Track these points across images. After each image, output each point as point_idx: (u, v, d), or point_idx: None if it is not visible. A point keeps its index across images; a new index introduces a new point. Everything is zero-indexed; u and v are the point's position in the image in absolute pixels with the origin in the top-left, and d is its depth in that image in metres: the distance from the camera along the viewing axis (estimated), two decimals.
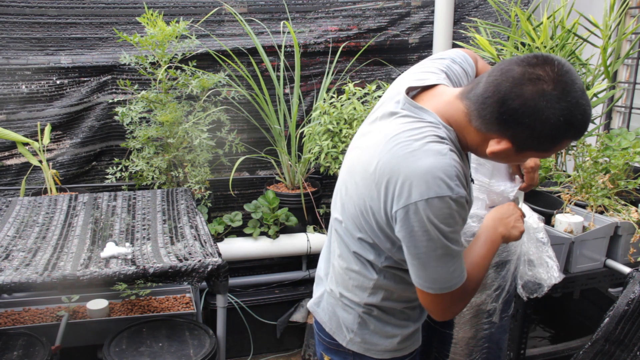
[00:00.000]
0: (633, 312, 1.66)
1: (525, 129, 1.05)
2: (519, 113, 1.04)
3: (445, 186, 1.05)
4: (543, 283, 1.61)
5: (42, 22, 2.80)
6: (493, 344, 1.59)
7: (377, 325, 1.32)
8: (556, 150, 1.13)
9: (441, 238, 1.07)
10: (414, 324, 1.35)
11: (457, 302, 1.18)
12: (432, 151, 1.07)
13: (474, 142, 1.15)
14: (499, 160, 1.21)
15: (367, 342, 1.33)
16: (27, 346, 1.84)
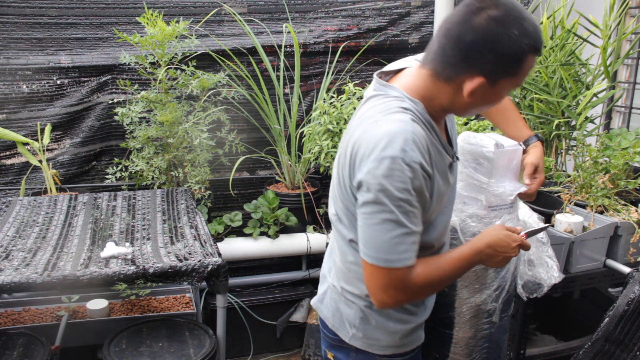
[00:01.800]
0: (633, 312, 1.66)
1: (489, 55, 1.10)
2: (477, 43, 1.09)
3: (399, 148, 1.07)
4: (543, 283, 1.61)
5: (42, 23, 2.81)
6: (493, 344, 1.59)
7: (379, 321, 1.32)
8: (526, 71, 1.15)
9: (388, 202, 1.08)
10: (416, 319, 1.34)
11: (396, 288, 1.14)
12: (392, 119, 1.13)
13: (449, 96, 1.17)
14: (481, 104, 1.19)
15: (369, 338, 1.34)
16: (27, 346, 1.84)
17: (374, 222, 1.11)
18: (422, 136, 1.12)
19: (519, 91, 2.56)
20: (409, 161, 1.08)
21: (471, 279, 1.50)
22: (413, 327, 1.35)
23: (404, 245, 1.11)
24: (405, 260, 1.12)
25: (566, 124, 2.39)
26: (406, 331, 1.34)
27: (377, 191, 1.09)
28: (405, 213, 1.10)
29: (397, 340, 1.34)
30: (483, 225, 1.45)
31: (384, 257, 1.12)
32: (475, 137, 1.48)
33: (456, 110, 1.22)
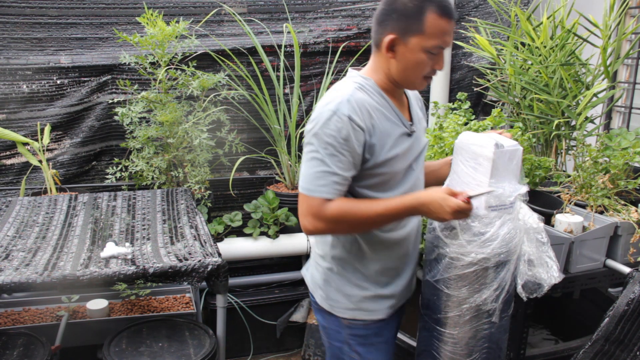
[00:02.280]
0: (633, 312, 1.66)
1: (393, 15, 1.34)
2: (385, 8, 1.37)
3: (334, 105, 1.33)
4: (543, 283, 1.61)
5: (42, 23, 2.81)
6: (493, 344, 1.59)
7: (338, 284, 1.50)
8: (433, 30, 1.32)
9: (317, 143, 1.33)
10: (375, 289, 1.49)
11: (313, 215, 1.34)
12: (338, 88, 1.40)
13: (385, 64, 1.41)
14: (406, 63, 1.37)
15: (331, 299, 1.51)
16: (27, 346, 1.84)
17: (306, 159, 1.36)
18: (361, 99, 1.36)
19: (519, 91, 2.56)
20: (340, 114, 1.31)
21: (471, 279, 1.50)
22: (372, 296, 1.49)
23: (324, 180, 1.33)
24: (322, 192, 1.33)
25: (566, 124, 2.39)
26: (363, 297, 1.48)
27: (312, 136, 1.35)
28: (330, 155, 1.32)
29: (354, 304, 1.48)
30: (483, 226, 1.45)
31: (306, 186, 1.35)
32: (475, 137, 1.48)
33: (398, 77, 1.40)
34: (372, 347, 1.53)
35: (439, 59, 1.38)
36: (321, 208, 1.34)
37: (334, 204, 1.34)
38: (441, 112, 2.56)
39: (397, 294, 1.53)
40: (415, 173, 1.50)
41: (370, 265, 1.48)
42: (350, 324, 1.51)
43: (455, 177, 1.52)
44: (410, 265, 1.58)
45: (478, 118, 3.16)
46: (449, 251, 1.49)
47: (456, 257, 1.48)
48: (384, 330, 1.53)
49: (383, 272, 1.50)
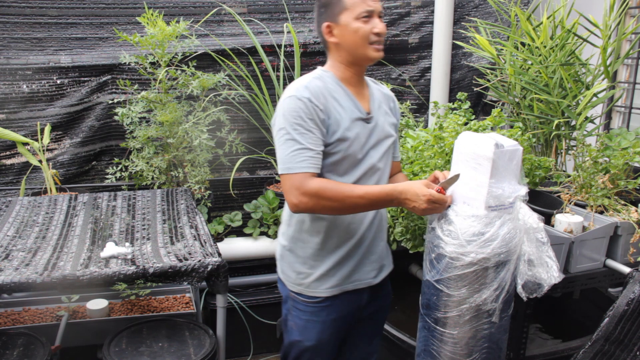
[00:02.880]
0: (633, 312, 1.66)
1: (320, 9, 1.59)
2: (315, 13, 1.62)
3: (294, 90, 1.51)
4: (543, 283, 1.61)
5: (42, 22, 2.81)
6: (493, 344, 1.59)
7: (289, 260, 1.68)
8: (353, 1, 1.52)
9: (286, 126, 1.49)
10: (319, 268, 1.62)
11: (297, 189, 1.47)
12: (297, 80, 1.58)
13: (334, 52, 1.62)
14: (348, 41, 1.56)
15: (283, 272, 1.71)
16: (27, 346, 1.84)
17: (280, 143, 1.50)
18: (317, 85, 1.53)
19: (519, 91, 2.56)
20: (301, 97, 1.49)
21: (471, 279, 1.50)
22: (317, 276, 1.63)
23: (301, 157, 1.47)
24: (301, 168, 1.47)
25: (566, 124, 2.39)
26: (308, 276, 1.63)
27: (280, 122, 1.51)
28: (301, 134, 1.48)
29: (299, 281, 1.65)
30: (483, 226, 1.45)
31: (286, 166, 1.49)
32: (475, 137, 1.48)
33: (351, 56, 1.58)
34: (307, 323, 1.67)
35: (374, 24, 1.55)
36: (303, 182, 1.47)
37: (316, 180, 1.48)
38: (441, 112, 2.56)
39: (342, 277, 1.64)
40: (371, 160, 1.62)
41: (317, 247, 1.62)
42: (294, 297, 1.68)
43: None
44: (360, 253, 1.67)
45: (478, 118, 3.16)
46: (449, 251, 1.49)
47: (456, 257, 1.48)
48: (323, 311, 1.65)
49: (328, 255, 1.63)
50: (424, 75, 3.44)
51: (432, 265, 1.57)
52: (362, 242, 1.66)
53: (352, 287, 1.67)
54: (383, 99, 1.72)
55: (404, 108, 2.97)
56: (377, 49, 1.58)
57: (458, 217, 1.48)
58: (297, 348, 1.70)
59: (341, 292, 1.65)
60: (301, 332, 1.68)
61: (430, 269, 1.58)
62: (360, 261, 1.67)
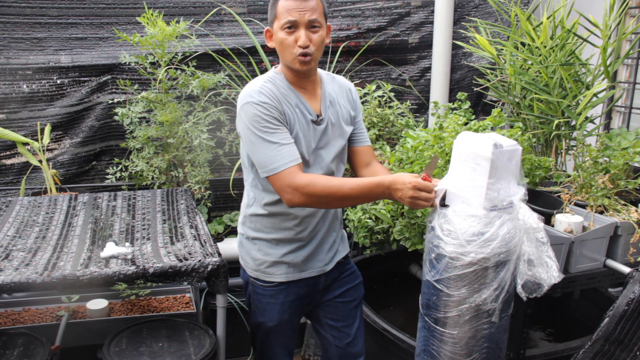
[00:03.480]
0: (633, 312, 1.66)
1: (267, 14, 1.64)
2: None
3: (248, 97, 1.57)
4: (543, 283, 1.61)
5: (42, 22, 2.81)
6: (493, 344, 1.59)
7: (247, 247, 1.78)
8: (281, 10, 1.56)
9: (255, 131, 1.55)
10: (273, 254, 1.73)
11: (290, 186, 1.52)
12: (250, 83, 1.64)
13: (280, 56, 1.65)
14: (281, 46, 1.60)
15: (243, 259, 1.82)
16: (27, 346, 1.84)
17: (255, 150, 1.56)
18: (269, 89, 1.58)
19: (519, 91, 2.56)
20: (256, 102, 1.55)
21: (471, 279, 1.50)
22: (271, 261, 1.73)
23: (280, 154, 1.53)
24: (285, 164, 1.53)
25: (566, 124, 2.39)
26: (263, 261, 1.74)
27: (247, 131, 1.56)
28: (271, 134, 1.54)
29: (256, 266, 1.76)
30: (483, 226, 1.45)
31: (270, 167, 1.54)
32: (474, 137, 1.48)
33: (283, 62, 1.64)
34: (267, 305, 1.77)
35: (297, 35, 1.57)
36: (293, 178, 1.52)
37: (305, 175, 1.54)
38: (441, 112, 2.56)
39: (297, 263, 1.74)
40: (325, 163, 1.69)
41: (271, 233, 1.72)
42: (253, 282, 1.79)
43: (453, 177, 1.52)
44: (313, 244, 1.76)
45: (478, 118, 3.16)
46: (448, 251, 1.49)
47: (456, 257, 1.48)
48: (280, 294, 1.76)
49: (282, 241, 1.72)
50: (424, 75, 3.44)
51: (432, 265, 1.57)
52: (316, 235, 1.76)
53: (306, 275, 1.78)
54: (339, 94, 1.76)
55: (404, 108, 2.98)
56: (302, 60, 1.58)
57: (458, 217, 1.48)
58: (262, 328, 1.82)
59: (295, 278, 1.76)
60: (263, 314, 1.79)
61: (430, 269, 1.58)
62: (314, 251, 1.77)
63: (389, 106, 2.92)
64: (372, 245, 2.26)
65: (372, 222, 2.18)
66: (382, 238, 2.21)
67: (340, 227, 1.88)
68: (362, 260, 2.69)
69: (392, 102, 2.96)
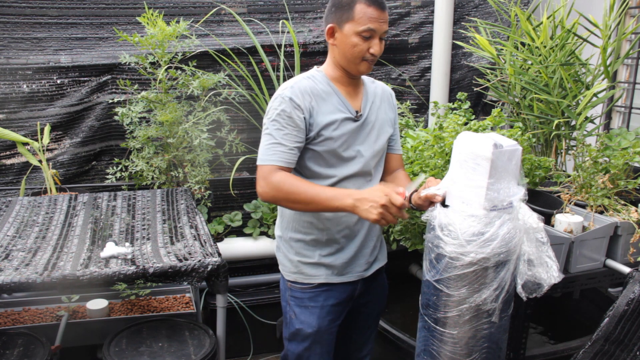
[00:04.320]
0: (633, 312, 1.66)
1: (332, 8, 1.61)
2: (327, 8, 1.64)
3: (281, 89, 1.62)
4: (543, 283, 1.61)
5: (42, 22, 2.81)
6: (493, 344, 1.59)
7: (284, 250, 1.76)
8: (361, 17, 1.55)
9: (267, 122, 1.63)
10: (312, 256, 1.71)
11: (263, 179, 1.57)
12: (295, 77, 1.67)
13: (332, 53, 1.67)
14: (344, 47, 1.60)
15: (281, 263, 1.79)
16: (27, 346, 1.84)
17: (263, 135, 1.64)
18: (304, 85, 1.61)
19: (519, 91, 2.56)
20: (283, 96, 1.59)
21: (471, 279, 1.50)
22: (310, 263, 1.71)
23: (272, 150, 1.58)
24: (270, 160, 1.57)
25: (566, 124, 2.39)
26: (302, 263, 1.72)
27: (266, 119, 1.64)
28: (277, 130, 1.59)
29: (295, 268, 1.73)
30: (483, 226, 1.45)
31: (260, 157, 1.61)
32: (474, 137, 1.48)
33: (341, 61, 1.63)
34: (306, 309, 1.73)
35: (372, 44, 1.59)
36: (269, 174, 1.56)
37: (280, 174, 1.56)
38: (441, 112, 2.56)
39: (337, 265, 1.72)
40: (364, 159, 1.68)
41: (310, 235, 1.70)
42: (291, 286, 1.75)
43: (453, 177, 1.52)
44: (355, 243, 1.73)
45: (478, 118, 3.16)
46: (448, 251, 1.49)
47: (456, 257, 1.48)
48: (320, 296, 1.72)
49: (321, 243, 1.70)
50: (424, 75, 3.44)
51: (432, 265, 1.57)
52: (355, 237, 1.73)
53: (346, 280, 1.74)
54: (381, 97, 1.77)
55: (404, 108, 2.97)
56: (369, 66, 1.63)
57: (458, 217, 1.48)
58: (298, 338, 1.74)
59: (335, 281, 1.73)
60: (300, 319, 1.73)
61: (430, 268, 1.58)
62: (355, 255, 1.74)
63: None
64: None
65: None
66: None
67: (380, 233, 1.84)
68: None
69: None
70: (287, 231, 1.75)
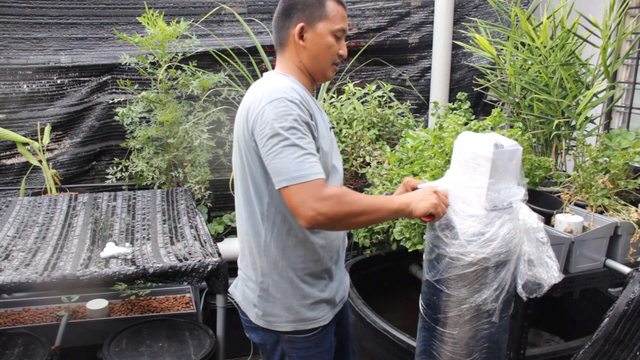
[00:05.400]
0: (633, 312, 1.66)
1: (297, 5, 1.39)
2: (282, 5, 1.42)
3: (281, 92, 1.30)
4: (543, 283, 1.61)
5: (43, 23, 2.81)
6: (493, 344, 1.59)
7: (275, 296, 1.43)
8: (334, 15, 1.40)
9: (282, 131, 1.26)
10: (315, 293, 1.45)
11: (314, 198, 1.24)
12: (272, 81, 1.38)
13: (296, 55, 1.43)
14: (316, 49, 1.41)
15: (270, 315, 1.44)
16: (27, 346, 1.84)
17: (277, 152, 1.26)
18: (299, 89, 1.37)
19: (519, 91, 2.56)
20: (291, 98, 1.29)
21: (471, 279, 1.50)
22: (312, 302, 1.44)
23: (308, 163, 1.25)
24: (313, 174, 1.25)
25: (566, 124, 2.39)
26: (303, 305, 1.43)
27: (272, 127, 1.27)
28: (299, 138, 1.27)
29: (294, 315, 1.43)
30: (483, 226, 1.45)
31: (295, 175, 1.24)
32: (475, 137, 1.48)
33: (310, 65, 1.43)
34: (314, 357, 1.48)
35: (342, 44, 1.45)
36: (321, 189, 1.25)
37: (331, 186, 1.29)
38: (441, 112, 2.56)
39: (334, 296, 1.51)
40: (339, 176, 1.50)
41: (305, 269, 1.44)
42: (290, 338, 1.46)
43: (453, 177, 1.52)
44: (339, 264, 1.57)
45: (478, 118, 3.16)
46: (449, 251, 1.49)
47: (456, 257, 1.48)
48: (324, 339, 1.50)
49: (318, 274, 1.46)
50: (424, 75, 3.44)
51: (432, 265, 1.57)
52: (339, 260, 1.57)
53: (339, 309, 1.56)
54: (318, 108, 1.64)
55: (404, 108, 2.97)
56: (335, 69, 1.48)
57: (458, 217, 1.48)
58: None
59: (334, 315, 1.53)
60: None
61: (430, 269, 1.58)
62: (341, 279, 1.59)
63: (389, 106, 2.92)
64: (372, 245, 2.26)
65: None
66: (382, 238, 2.21)
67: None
68: (362, 260, 2.69)
69: (392, 102, 2.96)
70: (272, 273, 1.42)
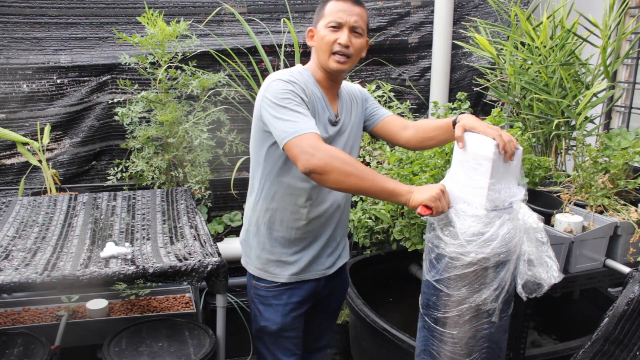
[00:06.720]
0: (633, 312, 1.66)
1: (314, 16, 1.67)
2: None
3: (279, 75, 1.55)
4: (543, 283, 1.61)
5: (42, 22, 2.81)
6: (493, 344, 1.59)
7: (251, 243, 1.74)
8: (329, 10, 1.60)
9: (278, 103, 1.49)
10: (278, 253, 1.70)
11: (311, 147, 1.41)
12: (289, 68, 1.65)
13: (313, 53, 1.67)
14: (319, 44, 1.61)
15: (247, 256, 1.77)
16: (27, 346, 1.84)
17: (277, 116, 1.48)
18: (302, 77, 1.59)
19: (519, 91, 2.56)
20: (286, 79, 1.53)
21: (471, 279, 1.50)
22: (275, 260, 1.70)
23: (303, 122, 1.46)
24: (307, 129, 1.44)
25: (566, 124, 2.39)
26: (268, 260, 1.71)
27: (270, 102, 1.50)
28: (296, 105, 1.49)
29: (261, 265, 1.72)
30: (483, 226, 1.45)
31: (291, 131, 1.44)
32: (476, 138, 1.48)
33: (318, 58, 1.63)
34: (270, 307, 1.74)
35: (341, 34, 1.58)
36: (316, 141, 1.42)
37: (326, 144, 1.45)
38: (441, 112, 2.56)
39: (302, 264, 1.72)
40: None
41: (277, 232, 1.69)
42: (255, 285, 1.75)
43: (454, 177, 1.52)
44: (320, 242, 1.73)
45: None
46: (448, 251, 1.49)
47: (456, 257, 1.48)
48: (284, 294, 1.72)
49: (288, 241, 1.69)
50: (424, 75, 3.44)
51: (432, 265, 1.57)
52: (321, 236, 1.73)
53: (309, 277, 1.75)
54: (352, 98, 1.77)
55: (404, 108, 2.97)
56: (338, 60, 1.59)
57: (458, 217, 1.48)
58: (264, 333, 1.77)
59: (299, 280, 1.73)
60: (264, 317, 1.75)
61: (430, 268, 1.58)
62: (318, 253, 1.74)
63: (388, 106, 2.92)
64: (372, 245, 2.26)
65: (372, 222, 2.18)
66: (382, 238, 2.21)
67: (345, 233, 1.85)
68: (362, 260, 2.69)
69: (392, 102, 2.96)
70: (256, 226, 1.71)
